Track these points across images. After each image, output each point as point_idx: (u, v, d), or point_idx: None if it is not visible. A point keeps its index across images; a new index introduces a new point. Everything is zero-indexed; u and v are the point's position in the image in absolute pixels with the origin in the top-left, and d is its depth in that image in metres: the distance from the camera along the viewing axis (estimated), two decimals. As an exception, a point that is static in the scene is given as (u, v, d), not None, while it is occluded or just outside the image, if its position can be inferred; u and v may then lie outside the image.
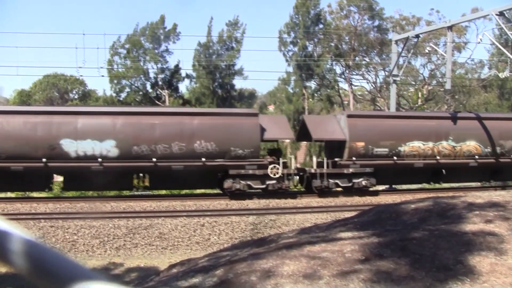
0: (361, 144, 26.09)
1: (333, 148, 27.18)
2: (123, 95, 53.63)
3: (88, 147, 23.17)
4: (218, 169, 24.92)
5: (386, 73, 52.48)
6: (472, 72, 59.87)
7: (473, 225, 7.16)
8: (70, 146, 23.02)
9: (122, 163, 23.34)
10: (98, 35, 58.15)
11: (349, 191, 26.12)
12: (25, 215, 20.70)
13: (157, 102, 51.78)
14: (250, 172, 24.67)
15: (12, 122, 22.89)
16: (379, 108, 55.90)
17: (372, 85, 60.44)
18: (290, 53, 54.00)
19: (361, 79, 61.08)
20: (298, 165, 35.14)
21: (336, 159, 26.27)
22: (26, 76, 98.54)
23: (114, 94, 53.78)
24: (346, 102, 60.48)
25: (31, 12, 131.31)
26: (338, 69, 58.01)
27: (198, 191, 28.42)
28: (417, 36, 35.25)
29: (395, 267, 5.59)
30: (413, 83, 59.58)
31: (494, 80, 54.36)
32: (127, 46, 52.21)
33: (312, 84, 56.86)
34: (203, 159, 24.03)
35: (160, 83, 53.16)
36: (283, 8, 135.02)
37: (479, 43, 33.01)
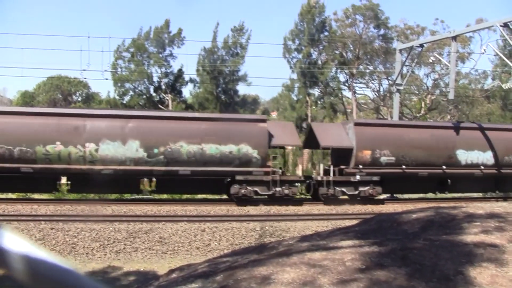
0: None
1: None
2: (126, 98, 53.73)
3: (474, 156, 28.42)
4: None
5: (390, 81, 52.51)
6: (475, 82, 59.88)
7: (474, 236, 7.15)
8: (463, 156, 28.24)
9: (496, 170, 28.83)
10: (103, 38, 58.31)
11: None
12: (25, 216, 20.70)
13: (160, 106, 51.86)
14: None
15: (420, 134, 27.73)
16: (381, 117, 55.87)
17: (375, 94, 60.50)
18: (294, 60, 54.09)
19: (364, 88, 61.13)
20: None
21: None
22: (30, 77, 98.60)
23: (117, 97, 53.88)
24: (349, 110, 60.48)
25: (36, 14, 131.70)
26: (342, 77, 58.09)
27: (200, 196, 28.44)
28: (421, 45, 35.30)
29: (395, 277, 5.58)
30: (417, 92, 59.57)
31: (498, 91, 54.40)
32: (131, 49, 52.30)
33: (316, 91, 56.93)
34: None
35: (163, 87, 53.22)
36: (289, 15, 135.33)
37: (483, 53, 33.05)
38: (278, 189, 24.92)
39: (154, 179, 25.12)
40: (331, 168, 26.56)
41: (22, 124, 22.74)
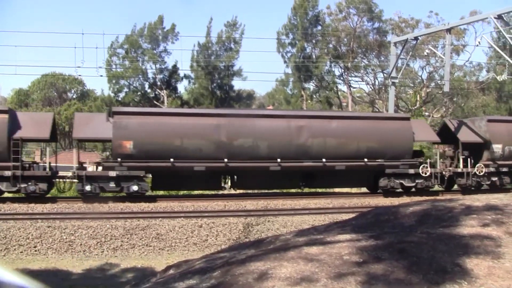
0: None
1: None
2: (121, 95, 53.65)
3: None
4: None
5: (385, 75, 52.53)
6: (470, 74, 59.94)
7: (471, 228, 7.15)
8: None
9: None
10: (97, 35, 58.03)
11: None
12: (22, 215, 20.66)
13: (155, 102, 51.77)
14: None
15: None
16: (377, 110, 55.89)
17: (370, 87, 60.52)
18: (289, 54, 54.04)
19: (359, 81, 61.11)
20: None
21: None
22: (25, 75, 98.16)
23: (112, 94, 53.79)
24: (344, 104, 60.51)
25: (30, 11, 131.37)
26: (336, 71, 58.06)
27: (196, 192, 28.43)
28: (416, 38, 35.28)
29: (393, 270, 5.58)
30: (412, 85, 59.62)
31: (492, 83, 54.50)
32: (125, 46, 52.17)
33: (311, 85, 56.95)
34: None
35: (158, 83, 53.13)
36: (282, 9, 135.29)
37: (477, 45, 32.94)
38: None
39: None
40: None
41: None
